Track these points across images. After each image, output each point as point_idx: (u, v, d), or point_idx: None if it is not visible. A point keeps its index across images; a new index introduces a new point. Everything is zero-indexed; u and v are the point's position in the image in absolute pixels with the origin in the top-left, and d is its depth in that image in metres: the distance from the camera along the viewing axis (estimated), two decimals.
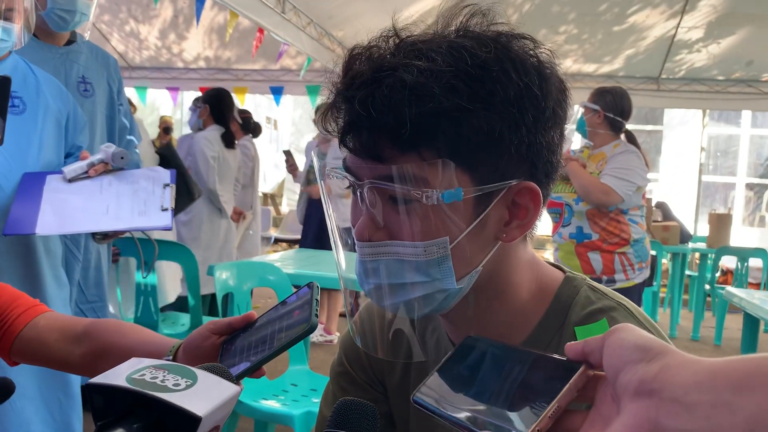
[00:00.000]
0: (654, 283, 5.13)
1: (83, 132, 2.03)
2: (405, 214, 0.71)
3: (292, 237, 9.95)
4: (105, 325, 1.02)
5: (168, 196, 1.83)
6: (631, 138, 3.24)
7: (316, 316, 0.82)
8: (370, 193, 0.72)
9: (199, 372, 0.54)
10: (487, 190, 0.71)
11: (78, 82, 2.45)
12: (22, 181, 1.74)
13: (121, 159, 1.86)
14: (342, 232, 0.81)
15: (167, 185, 1.86)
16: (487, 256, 0.75)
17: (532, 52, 0.73)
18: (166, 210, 1.80)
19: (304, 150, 5.79)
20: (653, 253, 3.51)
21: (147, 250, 2.44)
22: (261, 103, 14.24)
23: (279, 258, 3.42)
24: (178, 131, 9.11)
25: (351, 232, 0.77)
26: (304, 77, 6.41)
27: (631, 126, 3.28)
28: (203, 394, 0.52)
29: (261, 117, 14.50)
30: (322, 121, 0.75)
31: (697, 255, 6.65)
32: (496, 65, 0.69)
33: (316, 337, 4.91)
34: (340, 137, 0.73)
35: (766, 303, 2.80)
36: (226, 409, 0.53)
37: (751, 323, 3.15)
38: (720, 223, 6.11)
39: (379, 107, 0.67)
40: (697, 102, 7.15)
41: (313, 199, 5.03)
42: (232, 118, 4.60)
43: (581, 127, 3.24)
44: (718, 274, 6.02)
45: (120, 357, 0.57)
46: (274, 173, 15.13)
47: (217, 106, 4.42)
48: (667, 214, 6.25)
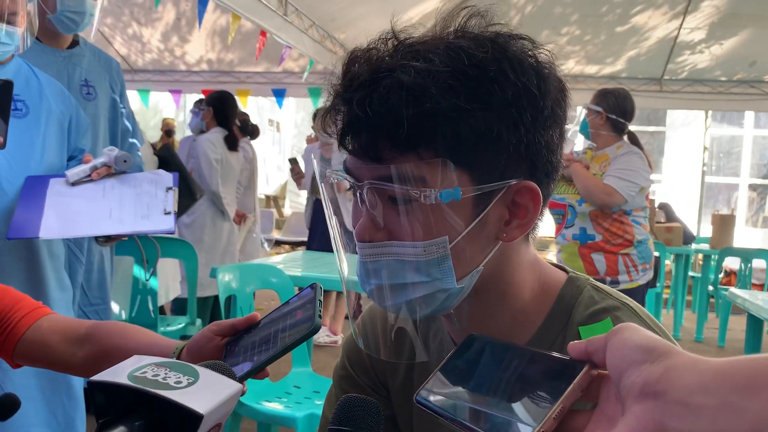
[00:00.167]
0: (657, 285, 5.12)
1: (86, 135, 2.03)
2: (404, 214, 0.71)
3: (295, 239, 9.96)
4: (108, 327, 1.03)
5: (171, 200, 1.83)
6: (633, 139, 3.24)
7: (320, 317, 0.83)
8: (369, 193, 0.72)
9: (201, 370, 0.54)
10: (486, 190, 0.71)
11: (81, 85, 2.45)
12: (25, 185, 1.75)
13: (124, 162, 1.86)
14: (344, 234, 0.81)
15: (170, 188, 1.86)
16: (487, 256, 0.75)
17: (531, 53, 0.73)
18: (169, 213, 1.80)
19: (302, 154, 5.80)
20: (656, 254, 3.50)
21: (148, 249, 2.43)
22: (263, 106, 14.26)
23: (282, 260, 3.42)
24: (180, 134, 9.12)
25: (352, 234, 0.77)
26: (306, 79, 6.42)
27: (634, 127, 3.27)
28: (205, 392, 0.51)
29: (263, 119, 14.52)
30: (321, 124, 0.76)
31: (700, 256, 6.64)
32: (494, 65, 0.69)
33: (321, 338, 4.91)
34: (340, 139, 0.74)
35: None
36: (228, 406, 0.53)
37: (754, 324, 3.14)
38: (723, 224, 6.09)
39: (377, 108, 0.68)
40: (699, 103, 7.13)
41: (320, 202, 5.04)
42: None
43: (584, 129, 3.23)
44: (721, 275, 6.01)
45: (123, 359, 0.57)
46: (277, 175, 15.14)
47: (220, 108, 4.43)
48: (670, 216, 6.24)
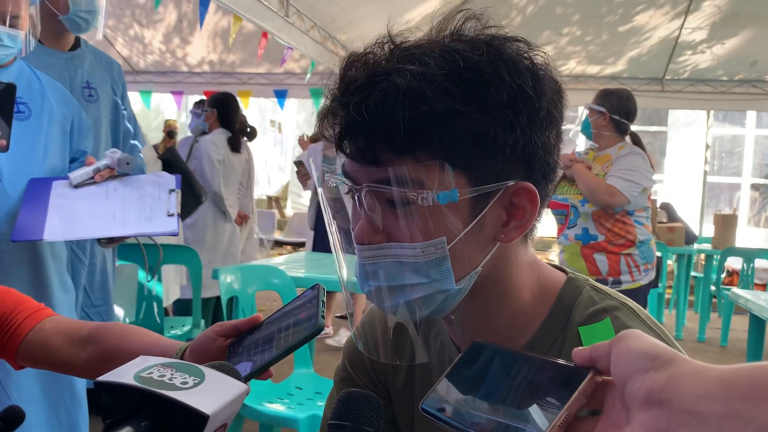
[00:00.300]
0: (659, 285, 5.11)
1: (87, 137, 2.04)
2: (402, 217, 0.72)
3: (297, 240, 9.97)
4: (110, 328, 1.03)
5: (174, 202, 1.83)
6: (636, 140, 3.24)
7: (323, 318, 0.83)
8: (367, 196, 0.73)
9: (207, 370, 0.54)
10: (484, 191, 0.72)
11: (82, 87, 2.46)
12: (28, 187, 1.75)
13: (127, 164, 1.87)
14: (343, 236, 0.81)
15: (173, 190, 1.86)
16: (486, 257, 0.75)
17: (526, 55, 0.73)
18: (172, 215, 1.80)
19: (300, 155, 5.81)
20: (658, 254, 3.50)
21: (151, 254, 2.44)
22: (265, 107, 14.27)
23: (284, 261, 3.42)
24: (182, 135, 9.11)
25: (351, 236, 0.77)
26: (308, 80, 6.42)
27: (635, 127, 3.27)
28: (211, 392, 0.52)
29: (265, 120, 14.53)
30: (320, 127, 0.76)
31: (702, 256, 6.63)
32: (489, 67, 0.69)
33: (337, 342, 4.92)
34: (337, 142, 0.74)
35: None
36: (233, 407, 0.53)
37: (757, 324, 3.13)
38: (725, 223, 6.08)
39: (373, 111, 0.68)
40: (701, 103, 7.12)
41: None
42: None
43: (586, 129, 3.23)
44: (723, 275, 6.00)
45: (125, 360, 0.57)
46: (279, 176, 15.14)
47: (223, 110, 4.46)
48: (672, 216, 6.23)
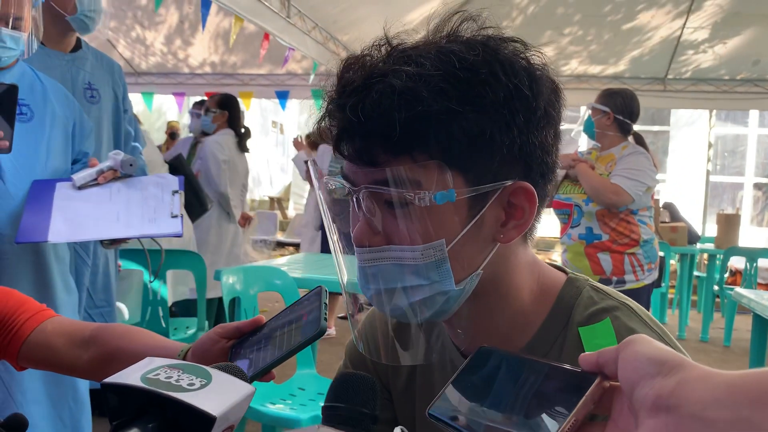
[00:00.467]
0: (662, 285, 5.10)
1: (89, 138, 2.04)
2: (401, 218, 0.71)
3: (299, 241, 9.96)
4: (113, 329, 1.02)
5: (177, 203, 1.84)
6: (639, 140, 3.23)
7: (326, 319, 0.83)
8: (366, 198, 0.73)
9: (214, 371, 0.54)
10: (481, 191, 0.72)
11: (84, 88, 2.46)
12: (31, 189, 1.75)
13: (130, 166, 1.87)
14: (342, 238, 0.81)
15: (176, 192, 1.87)
16: (486, 257, 0.75)
17: (522, 55, 0.73)
18: (175, 217, 1.80)
19: (294, 159, 5.83)
20: (661, 254, 3.49)
21: (155, 258, 2.44)
22: (267, 108, 14.29)
23: (286, 262, 3.42)
24: (184, 136, 9.14)
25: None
26: (311, 81, 6.43)
27: (638, 127, 3.26)
28: (218, 394, 0.51)
29: (267, 121, 14.55)
30: (317, 130, 0.76)
31: (705, 256, 6.62)
32: (485, 68, 0.69)
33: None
34: (335, 145, 0.74)
35: None
36: (240, 408, 0.53)
37: (760, 324, 3.12)
38: (728, 223, 6.08)
39: (369, 113, 0.68)
40: (703, 102, 7.12)
41: None
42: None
43: (588, 129, 3.23)
44: (726, 275, 5.98)
45: (128, 361, 0.57)
46: (281, 177, 15.15)
47: (231, 111, 4.50)
48: (674, 215, 6.23)
